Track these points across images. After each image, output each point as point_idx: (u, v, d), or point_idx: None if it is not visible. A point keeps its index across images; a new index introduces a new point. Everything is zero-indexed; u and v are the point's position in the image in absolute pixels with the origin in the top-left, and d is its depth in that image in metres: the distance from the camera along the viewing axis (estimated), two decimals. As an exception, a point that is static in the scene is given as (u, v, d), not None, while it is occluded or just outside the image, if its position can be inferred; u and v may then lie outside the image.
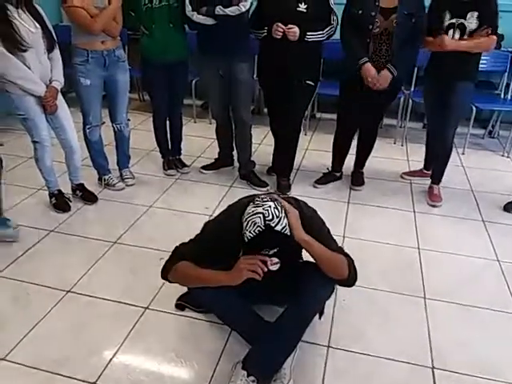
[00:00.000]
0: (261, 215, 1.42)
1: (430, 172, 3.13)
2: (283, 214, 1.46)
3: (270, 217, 1.42)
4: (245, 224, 1.46)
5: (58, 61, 2.44)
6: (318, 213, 1.71)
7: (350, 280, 1.63)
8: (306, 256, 1.81)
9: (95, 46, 2.54)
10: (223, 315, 1.78)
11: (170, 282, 1.71)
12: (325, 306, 1.86)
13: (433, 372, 1.72)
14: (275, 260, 1.49)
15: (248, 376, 1.56)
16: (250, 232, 1.44)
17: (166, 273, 1.68)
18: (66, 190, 2.83)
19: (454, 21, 2.54)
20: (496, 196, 3.07)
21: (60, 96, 2.49)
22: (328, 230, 1.69)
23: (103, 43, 2.56)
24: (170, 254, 1.71)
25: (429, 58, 2.81)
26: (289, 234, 1.47)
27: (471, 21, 2.50)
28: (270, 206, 1.44)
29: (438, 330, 1.92)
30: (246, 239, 1.47)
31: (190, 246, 1.68)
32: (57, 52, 2.42)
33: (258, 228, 1.42)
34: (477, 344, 1.86)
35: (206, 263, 1.60)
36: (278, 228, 1.43)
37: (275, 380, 1.61)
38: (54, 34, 2.38)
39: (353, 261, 1.65)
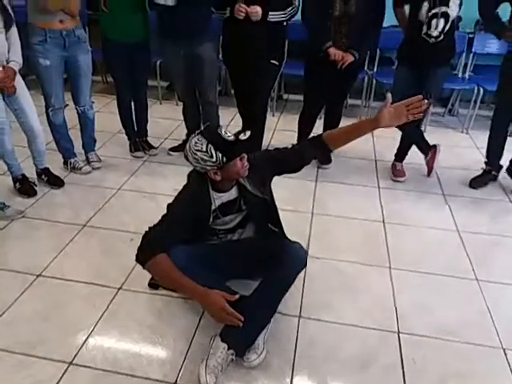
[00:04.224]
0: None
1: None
2: None
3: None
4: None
5: (15, 40, 2.33)
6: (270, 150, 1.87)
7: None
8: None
9: (53, 25, 2.45)
10: None
11: (144, 268, 1.63)
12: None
13: (398, 336, 1.82)
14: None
15: (228, 349, 1.59)
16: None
17: (143, 260, 1.60)
18: (31, 174, 2.76)
19: (436, 10, 2.48)
20: (456, 171, 3.20)
21: (19, 77, 2.39)
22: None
23: (61, 22, 2.46)
24: (141, 239, 1.62)
25: (402, 42, 2.77)
26: None
27: (453, 8, 2.48)
28: None
29: (402, 297, 2.02)
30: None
31: (162, 229, 1.63)
32: (14, 31, 2.31)
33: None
34: (438, 309, 1.96)
35: (180, 240, 1.64)
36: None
37: (249, 351, 1.65)
38: (11, 11, 2.27)
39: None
